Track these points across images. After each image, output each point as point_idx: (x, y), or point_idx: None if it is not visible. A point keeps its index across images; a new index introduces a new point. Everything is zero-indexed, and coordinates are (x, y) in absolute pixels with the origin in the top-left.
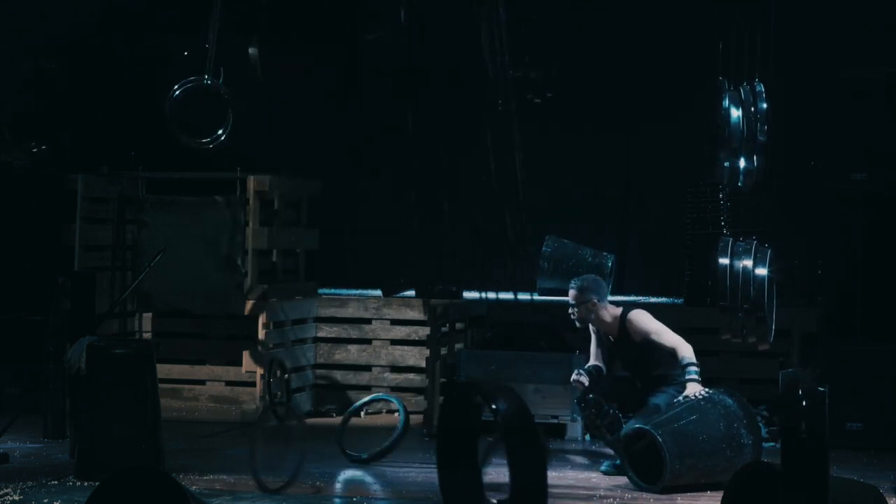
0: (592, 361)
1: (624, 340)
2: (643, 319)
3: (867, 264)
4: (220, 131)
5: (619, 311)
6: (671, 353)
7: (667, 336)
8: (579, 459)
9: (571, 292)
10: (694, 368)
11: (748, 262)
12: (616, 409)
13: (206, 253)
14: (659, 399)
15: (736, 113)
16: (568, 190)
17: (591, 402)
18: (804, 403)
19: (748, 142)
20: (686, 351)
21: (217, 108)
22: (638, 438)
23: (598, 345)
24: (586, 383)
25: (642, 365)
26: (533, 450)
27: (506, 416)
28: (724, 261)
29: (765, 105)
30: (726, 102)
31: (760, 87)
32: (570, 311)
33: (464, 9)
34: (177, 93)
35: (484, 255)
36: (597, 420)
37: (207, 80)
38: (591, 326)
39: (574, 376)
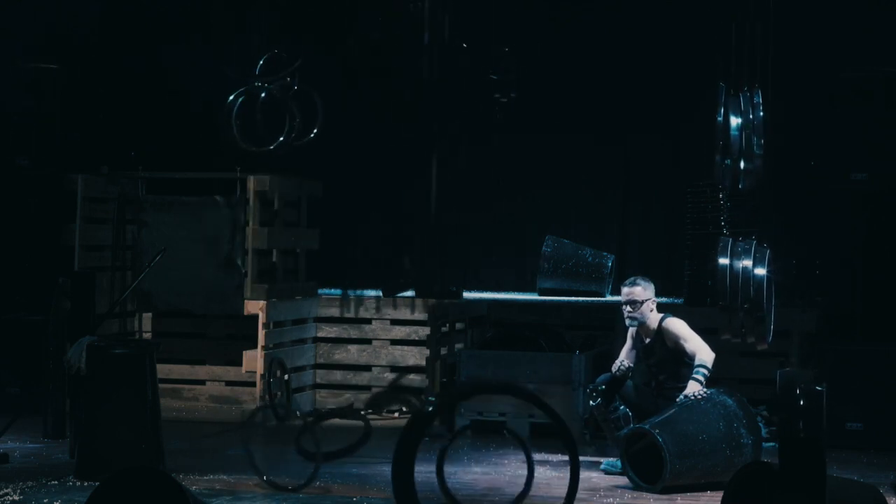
0: (623, 360)
1: (657, 343)
2: (678, 326)
3: (867, 264)
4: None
5: (659, 316)
6: (693, 358)
7: (693, 342)
8: (579, 459)
9: (636, 289)
10: (703, 370)
11: (748, 262)
12: (626, 409)
13: (206, 253)
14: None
15: (735, 122)
16: (568, 190)
17: (601, 392)
18: (801, 403)
19: (746, 149)
20: (704, 355)
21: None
22: (638, 438)
23: (633, 346)
24: (628, 366)
25: (668, 366)
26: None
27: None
28: (724, 261)
29: (762, 114)
30: (721, 112)
31: (758, 98)
32: (627, 307)
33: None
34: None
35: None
36: (605, 412)
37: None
38: (633, 327)
39: (617, 363)
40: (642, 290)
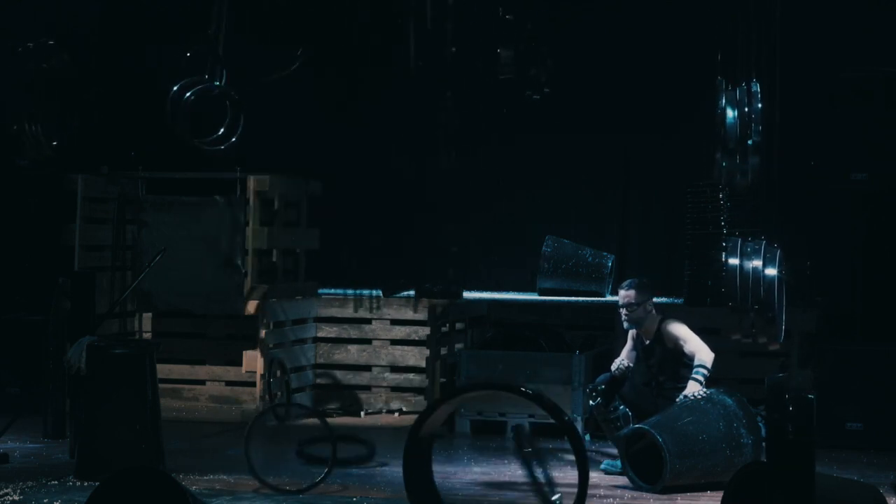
0: (622, 359)
1: (657, 344)
2: (677, 327)
3: (867, 264)
4: (225, 132)
5: (658, 316)
6: (692, 359)
7: (692, 343)
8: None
9: (631, 293)
10: (702, 370)
11: (758, 263)
12: (626, 409)
13: (206, 253)
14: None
15: (731, 114)
16: (568, 190)
17: (601, 392)
18: (790, 408)
19: (743, 142)
20: (704, 355)
21: (223, 110)
22: (638, 438)
23: (633, 347)
24: (627, 366)
25: (668, 367)
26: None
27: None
28: (734, 261)
29: (759, 105)
30: (723, 103)
31: (756, 88)
32: (623, 310)
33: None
34: (187, 96)
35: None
36: (605, 412)
37: (216, 83)
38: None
39: (617, 362)
40: (637, 293)
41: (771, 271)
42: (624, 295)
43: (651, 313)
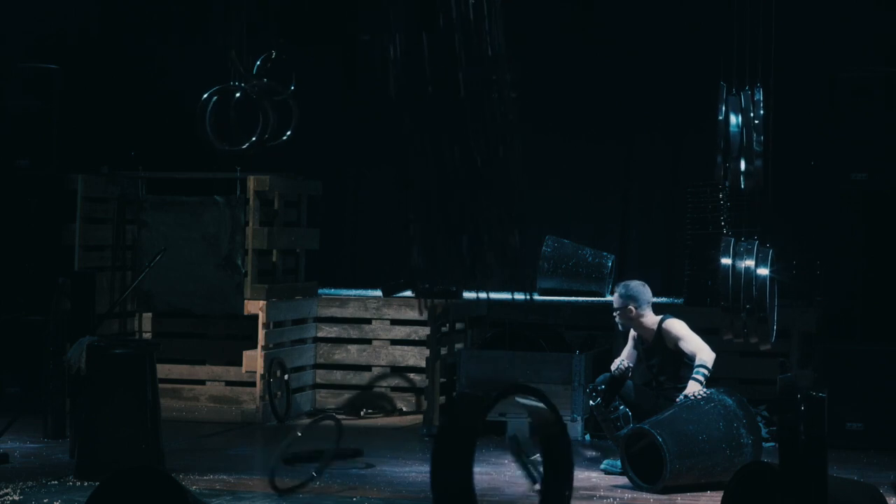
0: (622, 359)
1: (658, 345)
2: (677, 327)
3: (867, 264)
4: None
5: (657, 318)
6: (693, 359)
7: (693, 342)
8: (579, 459)
9: (616, 297)
10: (703, 370)
11: (750, 263)
12: (626, 409)
13: (206, 253)
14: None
15: (734, 120)
16: (568, 190)
17: (601, 392)
18: (802, 408)
19: (746, 148)
20: (704, 355)
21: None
22: (638, 438)
23: (634, 347)
24: (628, 366)
25: (668, 367)
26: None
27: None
28: (726, 261)
29: (762, 112)
30: (723, 109)
31: (759, 95)
32: (615, 313)
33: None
34: (203, 97)
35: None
36: (605, 412)
37: (238, 84)
38: (631, 329)
39: (617, 362)
40: (618, 299)
41: (763, 271)
42: (614, 298)
43: (643, 315)
